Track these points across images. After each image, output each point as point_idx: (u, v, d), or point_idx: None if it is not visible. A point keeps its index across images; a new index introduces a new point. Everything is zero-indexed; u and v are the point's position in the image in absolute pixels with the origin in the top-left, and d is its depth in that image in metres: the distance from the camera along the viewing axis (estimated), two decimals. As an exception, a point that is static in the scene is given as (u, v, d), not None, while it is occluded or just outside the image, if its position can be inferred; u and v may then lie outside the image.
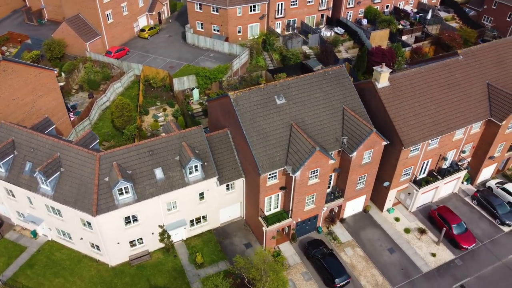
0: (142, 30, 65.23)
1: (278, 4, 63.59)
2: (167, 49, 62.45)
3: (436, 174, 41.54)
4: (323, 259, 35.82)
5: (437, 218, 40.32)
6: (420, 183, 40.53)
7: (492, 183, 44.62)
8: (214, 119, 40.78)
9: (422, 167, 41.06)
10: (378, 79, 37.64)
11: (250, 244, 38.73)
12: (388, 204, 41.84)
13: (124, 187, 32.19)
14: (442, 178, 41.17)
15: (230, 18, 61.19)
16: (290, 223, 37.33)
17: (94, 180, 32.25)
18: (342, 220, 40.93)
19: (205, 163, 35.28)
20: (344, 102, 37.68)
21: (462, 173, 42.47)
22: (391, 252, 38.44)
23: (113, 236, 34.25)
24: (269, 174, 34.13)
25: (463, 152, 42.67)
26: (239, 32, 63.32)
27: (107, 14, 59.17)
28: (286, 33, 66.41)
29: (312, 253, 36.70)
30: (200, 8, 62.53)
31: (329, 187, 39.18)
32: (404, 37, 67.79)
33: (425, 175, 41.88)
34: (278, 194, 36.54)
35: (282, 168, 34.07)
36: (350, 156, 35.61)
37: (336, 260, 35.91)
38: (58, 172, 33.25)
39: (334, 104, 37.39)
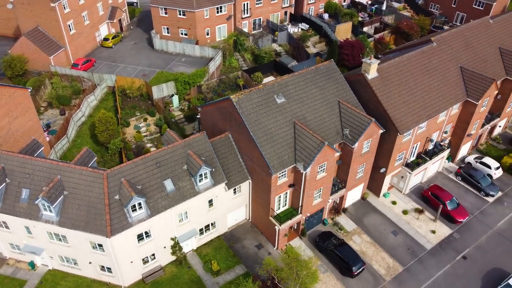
0: (106, 39, 62.54)
1: (244, 4, 63.66)
2: (136, 57, 60.40)
3: (424, 156, 43.92)
4: (337, 250, 36.71)
5: (430, 197, 42.69)
6: (412, 166, 42.68)
7: (471, 159, 47.95)
8: (210, 124, 40.20)
9: (412, 150, 43.25)
10: (368, 71, 39.03)
11: (261, 245, 38.76)
12: (384, 189, 43.65)
13: (137, 203, 30.97)
14: (430, 159, 43.64)
15: (198, 21, 60.36)
16: (300, 219, 37.82)
17: (104, 199, 30.70)
18: (344, 210, 42.11)
19: (213, 169, 34.77)
20: (338, 96, 38.73)
21: (446, 152, 45.26)
22: (394, 234, 40.19)
23: (126, 256, 32.83)
24: (279, 173, 34.36)
25: (445, 132, 45.47)
26: (208, 34, 62.65)
27: (69, 25, 56.08)
28: (254, 32, 66.63)
29: (325, 245, 37.46)
30: (166, 13, 61.07)
31: (330, 179, 40.14)
32: (365, 29, 70.56)
33: (414, 158, 44.14)
34: (286, 192, 36.87)
35: (292, 166, 34.44)
36: (352, 147, 36.74)
37: (349, 249, 36.96)
38: (62, 196, 31.26)
39: (329, 98, 38.31)
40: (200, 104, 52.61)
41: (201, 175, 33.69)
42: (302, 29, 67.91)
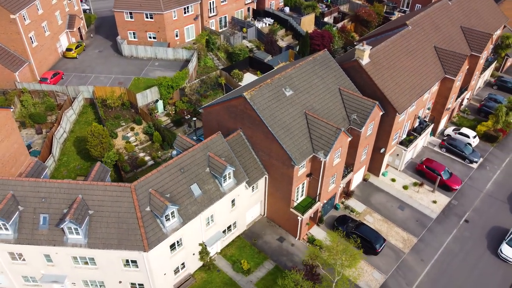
0: (69, 49, 58.84)
1: (210, 3, 63.01)
2: (105, 66, 57.57)
3: (413, 133, 46.71)
4: (357, 231, 38.06)
5: (425, 170, 45.56)
6: (405, 144, 45.25)
7: (450, 131, 51.76)
8: (215, 125, 39.61)
9: (404, 129, 45.82)
10: (362, 57, 40.66)
11: (283, 238, 39.12)
12: (383, 168, 45.85)
13: (171, 212, 29.95)
14: (420, 135, 46.53)
15: (167, 23, 58.83)
16: (318, 207, 38.69)
17: (136, 213, 29.32)
18: (351, 193, 43.65)
19: (235, 169, 34.45)
20: (337, 83, 40.00)
21: (430, 127, 48.49)
22: (401, 209, 42.47)
23: (160, 268, 31.62)
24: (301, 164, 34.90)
25: (428, 109, 48.66)
26: (177, 36, 61.30)
27: (31, 37, 52.09)
28: (220, 30, 66.20)
29: (345, 228, 38.65)
30: (131, 17, 58.78)
31: (338, 165, 41.42)
32: (325, 19, 72.92)
33: (405, 135, 46.79)
34: (304, 182, 37.52)
35: (311, 156, 35.12)
36: (360, 131, 38.22)
37: (368, 228, 38.51)
38: (88, 216, 29.35)
39: (330, 87, 39.46)
40: (186, 108, 51.68)
41: (225, 176, 33.28)
42: (268, 24, 68.64)
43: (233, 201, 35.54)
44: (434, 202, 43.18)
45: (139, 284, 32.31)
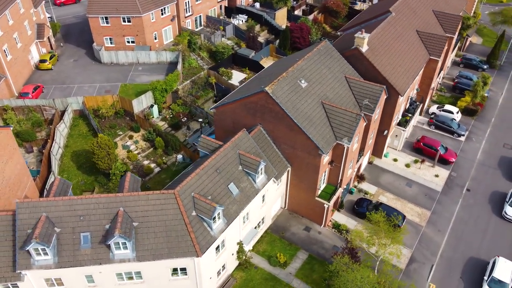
0: (43, 60, 55.21)
1: (186, 3, 61.85)
2: (85, 75, 54.76)
3: (407, 113, 49.24)
4: (379, 211, 39.60)
5: (423, 147, 48.25)
6: (403, 124, 47.60)
7: (434, 109, 55.11)
8: (229, 123, 39.26)
9: (401, 110, 48.18)
10: (362, 44, 42.17)
11: (309, 227, 39.80)
12: (385, 150, 47.93)
13: (217, 214, 29.52)
14: (413, 115, 49.16)
15: (145, 26, 57.00)
16: (339, 193, 39.78)
17: (184, 218, 28.58)
18: (363, 177, 45.18)
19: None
20: (342, 72, 41.23)
21: (420, 107, 51.34)
22: (409, 186, 44.73)
23: (207, 272, 31.09)
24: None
25: (417, 90, 51.45)
26: (156, 38, 59.61)
27: (5, 50, 48.28)
28: (197, 30, 65.22)
29: (365, 210, 40.08)
30: (107, 22, 56.29)
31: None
32: (296, 12, 74.23)
33: (400, 117, 49.18)
34: (326, 170, 38.39)
35: (335, 143, 36.03)
36: (371, 115, 39.73)
37: (389, 207, 40.25)
38: (133, 229, 28.17)
39: (337, 76, 40.60)
40: (182, 110, 50.69)
41: (258, 172, 33.27)
42: (243, 21, 68.64)
43: (263, 196, 35.63)
44: (436, 176, 45.94)
45: (185, 292, 31.56)
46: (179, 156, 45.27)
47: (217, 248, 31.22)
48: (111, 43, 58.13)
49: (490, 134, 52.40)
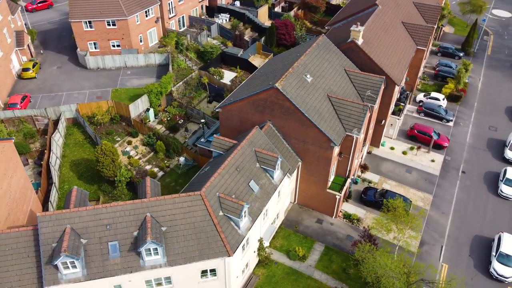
0: (26, 69, 52.91)
1: (169, 3, 60.95)
2: (73, 82, 53.01)
3: (398, 102, 50.84)
4: (385, 197, 40.79)
5: (417, 134, 49.99)
6: (397, 113, 49.13)
7: (421, 97, 57.14)
8: (236, 122, 39.22)
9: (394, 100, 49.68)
10: (358, 37, 43.17)
11: (320, 219, 40.41)
12: (382, 139, 49.30)
13: (244, 212, 29.51)
14: (405, 104, 50.83)
15: (131, 28, 55.79)
16: (348, 183, 40.62)
17: (212, 219, 28.39)
18: (367, 166, 46.24)
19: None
20: (341, 65, 42.07)
21: (409, 96, 53.13)
22: (409, 172, 46.27)
23: (235, 272, 31.02)
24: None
25: (406, 79, 53.19)
26: (141, 41, 58.46)
27: (-13, 60, 46.03)
28: (180, 30, 64.44)
29: (373, 197, 41.16)
30: (91, 26, 54.64)
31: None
32: (276, 9, 74.75)
33: (393, 106, 50.70)
34: (335, 163, 39.10)
35: (345, 135, 36.77)
36: (373, 105, 40.78)
37: (395, 193, 41.44)
38: (162, 233, 27.69)
39: (338, 69, 41.40)
40: (178, 112, 50.09)
41: (276, 168, 33.48)
42: (226, 20, 68.42)
43: (279, 192, 35.88)
44: (432, 161, 47.75)
45: (213, 293, 31.37)
46: (181, 159, 44.72)
47: (243, 246, 31.21)
48: (95, 48, 56.46)
49: (475, 118, 54.95)
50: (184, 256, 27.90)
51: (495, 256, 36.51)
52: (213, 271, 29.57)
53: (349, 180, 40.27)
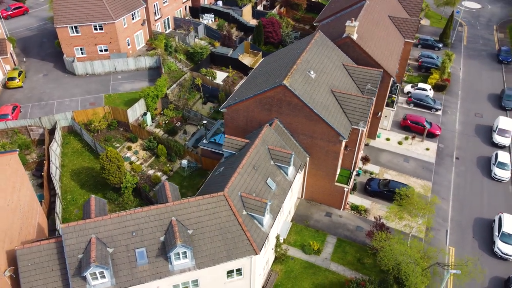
0: (11, 78, 50.92)
1: (154, 5, 60.10)
2: (62, 89, 51.46)
3: (391, 94, 52.26)
4: (389, 186, 41.97)
5: (410, 124, 51.57)
6: (391, 105, 50.50)
7: (409, 88, 58.93)
8: (242, 122, 39.28)
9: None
10: (353, 33, 44.11)
11: (329, 213, 41.11)
12: (378, 131, 50.55)
13: (266, 209, 29.71)
14: (397, 95, 52.31)
15: (119, 32, 54.68)
16: (354, 176, 41.49)
17: (237, 219, 28.45)
18: (368, 158, 47.26)
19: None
20: (339, 60, 42.88)
21: (399, 87, 54.71)
22: (406, 161, 47.73)
23: (259, 270, 31.18)
24: (344, 138, 37.10)
25: (397, 71, 54.64)
26: (129, 45, 57.41)
27: (-26, 70, 44.04)
28: (166, 32, 63.68)
29: (378, 187, 42.24)
30: (77, 31, 53.19)
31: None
32: (258, 7, 75.03)
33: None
34: (341, 156, 39.84)
35: (351, 128, 37.55)
36: (373, 98, 41.76)
37: (398, 182, 42.73)
38: (189, 236, 27.51)
39: (337, 64, 42.18)
40: (175, 115, 49.61)
41: (290, 164, 33.82)
42: (211, 20, 68.10)
43: (292, 188, 36.27)
44: (427, 149, 49.43)
45: (238, 293, 31.42)
46: (184, 161, 44.33)
47: (265, 244, 31.42)
48: (82, 53, 55.01)
49: (461, 106, 57.22)
50: (212, 258, 27.82)
51: (498, 236, 38.28)
52: (238, 271, 29.64)
53: (354, 173, 41.15)
